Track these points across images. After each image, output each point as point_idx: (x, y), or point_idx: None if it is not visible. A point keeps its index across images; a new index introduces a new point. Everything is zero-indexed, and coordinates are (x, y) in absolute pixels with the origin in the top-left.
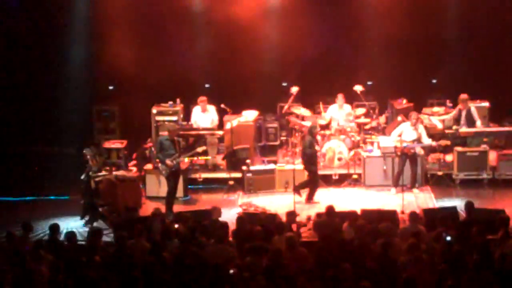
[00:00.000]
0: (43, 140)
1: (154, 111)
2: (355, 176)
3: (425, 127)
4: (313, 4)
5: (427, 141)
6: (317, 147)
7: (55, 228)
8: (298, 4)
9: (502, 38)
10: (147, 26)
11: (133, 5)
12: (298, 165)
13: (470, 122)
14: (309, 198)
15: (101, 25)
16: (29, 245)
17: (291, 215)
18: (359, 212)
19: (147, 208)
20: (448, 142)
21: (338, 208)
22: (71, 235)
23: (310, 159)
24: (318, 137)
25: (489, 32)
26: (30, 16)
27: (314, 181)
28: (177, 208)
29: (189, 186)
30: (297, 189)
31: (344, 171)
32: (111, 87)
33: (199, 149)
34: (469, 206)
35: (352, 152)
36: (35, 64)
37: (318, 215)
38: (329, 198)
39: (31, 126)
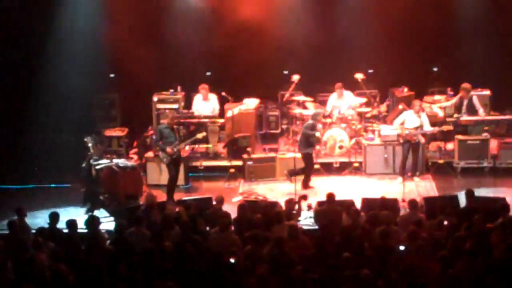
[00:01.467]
0: (44, 128)
1: (155, 99)
2: (356, 165)
3: (427, 115)
4: None
5: (429, 128)
6: (317, 133)
7: (55, 217)
8: None
9: (504, 26)
10: (148, 14)
11: None
12: (299, 153)
13: (472, 111)
14: (305, 184)
15: (103, 12)
16: (27, 232)
17: (290, 203)
18: (359, 200)
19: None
20: (451, 127)
21: (339, 196)
22: (71, 223)
23: (307, 141)
24: (319, 126)
25: (490, 20)
26: (30, 5)
27: (309, 167)
28: (178, 196)
29: (190, 174)
30: (290, 174)
31: (345, 159)
32: (112, 75)
33: (199, 135)
34: (469, 194)
35: (353, 141)
36: (35, 52)
37: (319, 203)
38: (330, 186)
39: (31, 114)
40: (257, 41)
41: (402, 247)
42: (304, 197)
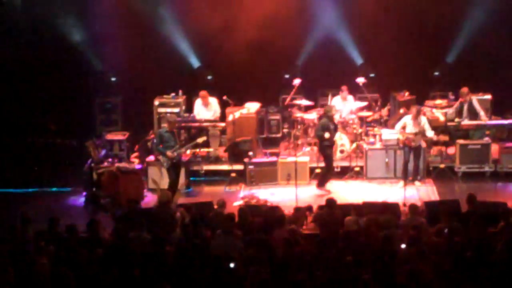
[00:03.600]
0: (46, 131)
1: (156, 102)
2: (357, 169)
3: (428, 119)
4: None
5: (430, 134)
6: (326, 135)
7: (55, 221)
8: None
9: (504, 30)
10: (150, 17)
11: None
12: (300, 157)
13: (473, 114)
14: (320, 184)
15: (104, 16)
16: (29, 237)
17: (299, 211)
18: (361, 204)
19: (149, 200)
20: (447, 138)
21: (340, 200)
22: (71, 227)
23: (322, 142)
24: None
25: (490, 25)
26: (32, 8)
27: (328, 167)
28: (179, 200)
29: (191, 178)
30: (320, 185)
31: (346, 164)
32: (113, 79)
33: (200, 140)
34: (471, 198)
35: (354, 145)
36: (37, 55)
37: (320, 207)
38: (331, 190)
39: (33, 117)
40: (258, 45)
41: (403, 252)
42: (310, 209)
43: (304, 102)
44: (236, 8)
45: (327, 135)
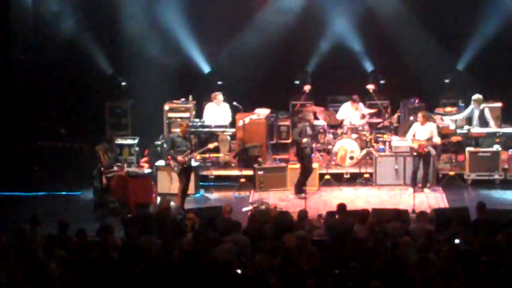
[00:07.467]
0: (55, 135)
1: (166, 107)
2: (366, 175)
3: (437, 127)
4: (326, 2)
5: (436, 139)
6: (305, 139)
7: (64, 225)
8: (311, 2)
9: None
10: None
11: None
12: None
13: (483, 123)
14: (298, 190)
15: (115, 20)
16: (38, 241)
17: (303, 213)
18: (370, 211)
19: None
20: (460, 138)
21: (350, 207)
22: (81, 231)
23: (299, 146)
24: (330, 136)
25: (502, 33)
26: (42, 11)
27: (304, 172)
28: (188, 205)
29: (201, 183)
30: (298, 191)
31: (355, 170)
32: (124, 83)
33: (211, 145)
34: (480, 206)
35: (364, 151)
36: (47, 59)
37: (329, 213)
38: (340, 197)
39: (43, 121)
40: (268, 51)
41: (411, 259)
42: (319, 215)
43: (314, 108)
44: (247, 13)
45: (305, 140)
